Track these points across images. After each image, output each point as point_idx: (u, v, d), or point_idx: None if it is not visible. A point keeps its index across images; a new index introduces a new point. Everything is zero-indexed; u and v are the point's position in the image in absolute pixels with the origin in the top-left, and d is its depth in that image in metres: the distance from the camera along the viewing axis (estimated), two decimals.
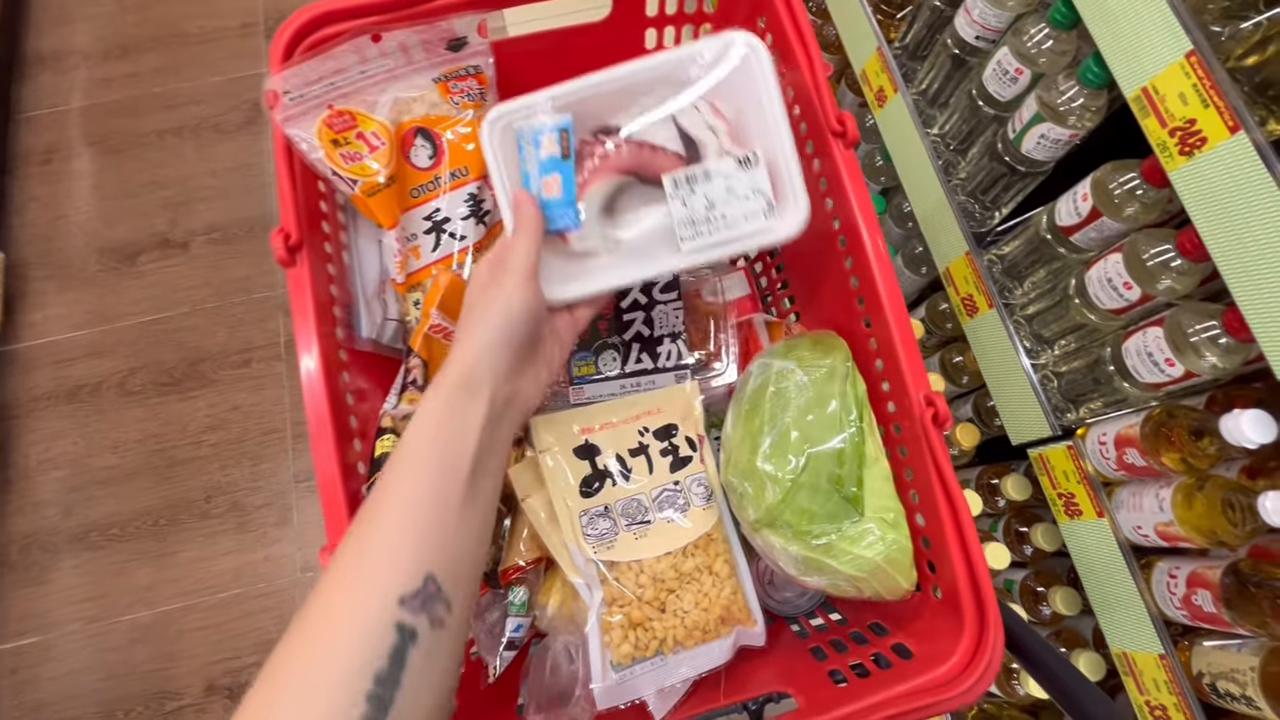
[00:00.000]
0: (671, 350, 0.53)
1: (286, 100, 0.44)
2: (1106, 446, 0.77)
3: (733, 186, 0.44)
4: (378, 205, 0.48)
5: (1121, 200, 0.72)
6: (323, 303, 0.43)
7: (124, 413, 1.41)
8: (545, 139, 0.45)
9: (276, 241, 0.41)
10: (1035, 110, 0.77)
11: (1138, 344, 0.71)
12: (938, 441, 0.40)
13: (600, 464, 0.50)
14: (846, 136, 0.44)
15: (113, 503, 1.35)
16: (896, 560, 0.44)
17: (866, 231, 0.44)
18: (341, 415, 0.43)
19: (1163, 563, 0.76)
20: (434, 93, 0.50)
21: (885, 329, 0.43)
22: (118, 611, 1.29)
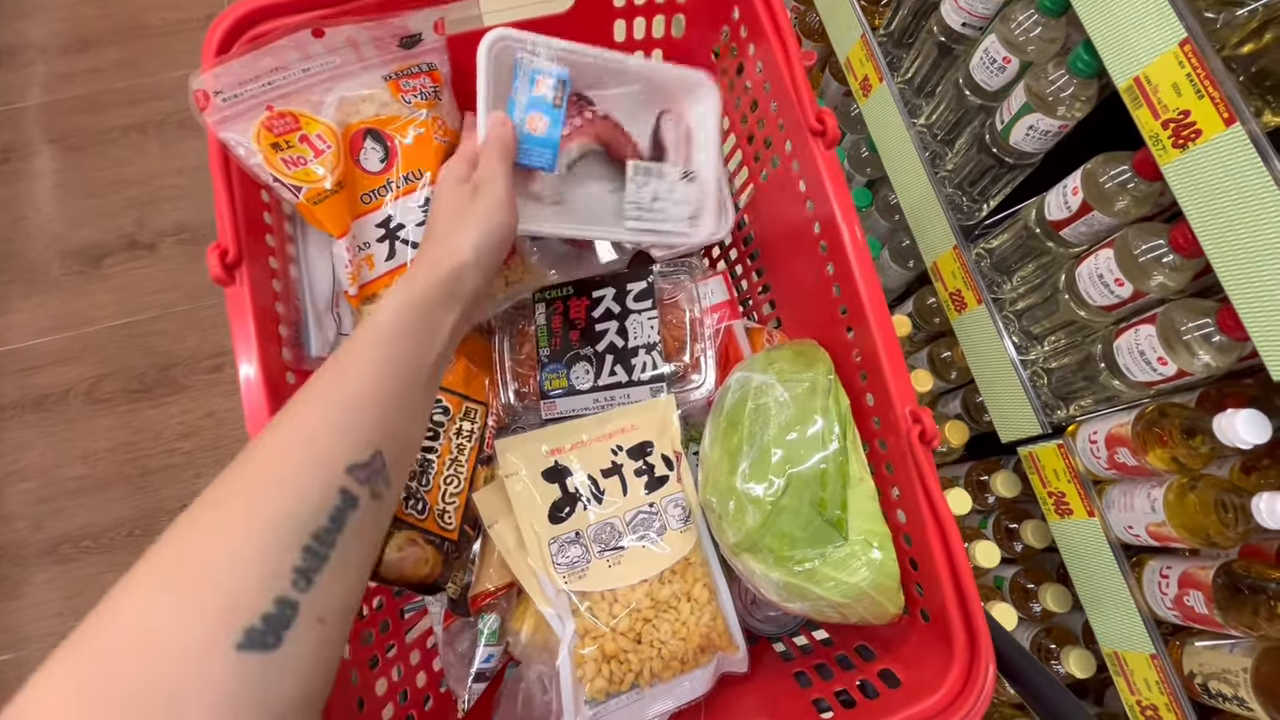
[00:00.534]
0: (647, 362, 0.51)
1: (219, 101, 0.40)
2: (1097, 445, 0.75)
3: (673, 190, 0.50)
4: (325, 213, 0.45)
5: (1112, 194, 0.70)
6: (266, 323, 0.40)
7: (93, 421, 1.36)
8: (542, 80, 0.46)
9: (212, 259, 0.37)
10: (1024, 100, 0.75)
11: (1129, 342, 0.69)
12: (924, 459, 0.38)
13: (571, 486, 0.48)
14: (826, 135, 0.41)
15: (84, 514, 1.31)
16: (883, 585, 0.42)
17: (848, 236, 0.42)
18: None
19: (1154, 562, 0.75)
20: (384, 91, 0.47)
21: (869, 340, 0.41)
22: None
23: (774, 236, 0.54)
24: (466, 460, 0.49)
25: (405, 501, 0.46)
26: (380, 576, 0.43)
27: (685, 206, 0.50)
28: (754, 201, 0.55)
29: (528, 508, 0.46)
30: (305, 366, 0.45)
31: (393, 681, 0.44)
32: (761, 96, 0.48)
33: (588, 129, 0.49)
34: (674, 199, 0.50)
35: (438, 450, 0.48)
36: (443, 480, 0.48)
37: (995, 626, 0.37)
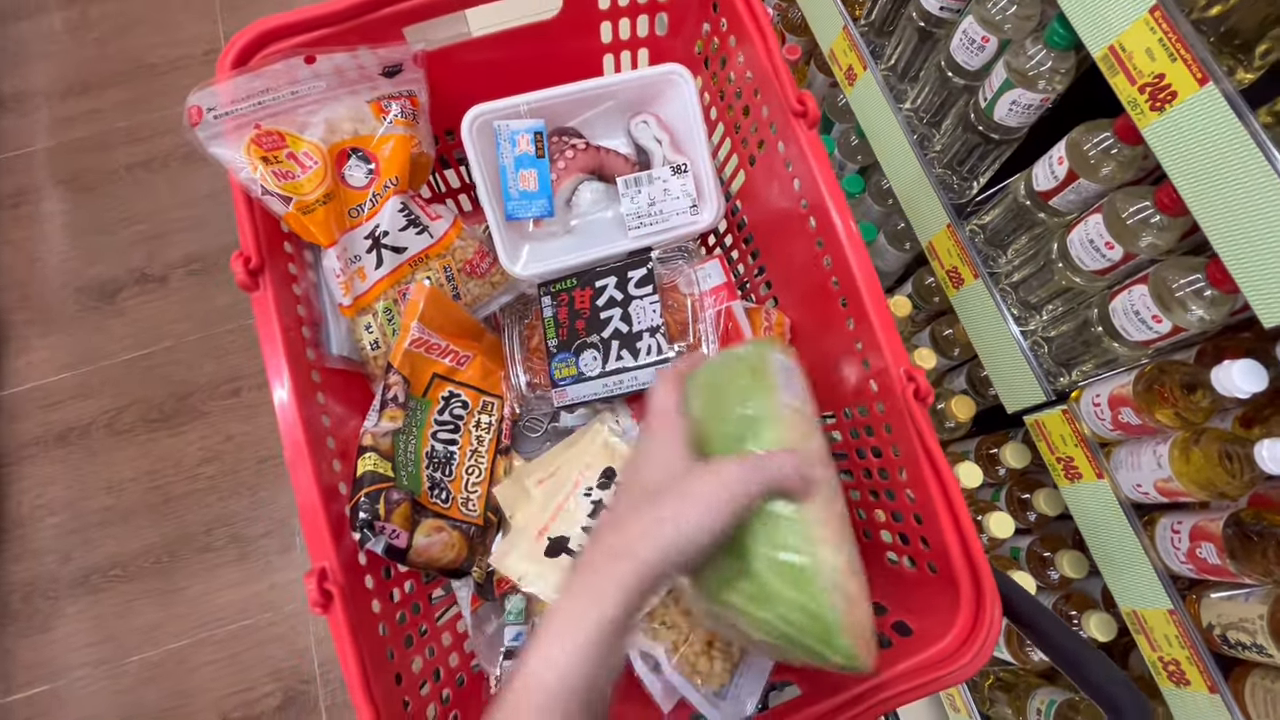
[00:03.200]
0: (651, 345, 0.53)
1: (210, 117, 0.42)
2: (1101, 408, 0.77)
3: (669, 189, 0.53)
4: (315, 223, 0.47)
5: (1097, 161, 0.71)
6: (290, 325, 0.42)
7: (116, 452, 1.39)
8: (521, 139, 0.49)
9: (237, 266, 0.40)
10: (1004, 77, 0.77)
11: (1124, 303, 0.70)
12: (921, 416, 0.40)
13: (575, 546, 0.49)
14: (808, 116, 0.43)
15: (112, 544, 1.34)
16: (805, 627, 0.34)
17: (835, 211, 0.43)
18: (318, 439, 0.42)
19: (1165, 518, 0.76)
20: (366, 112, 0.49)
21: (861, 307, 0.43)
22: (126, 653, 1.28)
23: (766, 219, 0.56)
24: (486, 451, 0.51)
25: (431, 491, 0.48)
26: (410, 562, 0.45)
27: (684, 199, 0.52)
28: (745, 187, 0.57)
29: (554, 587, 0.47)
30: (328, 364, 0.47)
31: (426, 659, 0.46)
32: (745, 85, 0.50)
33: (574, 165, 0.53)
34: (671, 197, 0.53)
35: (459, 443, 0.51)
36: (464, 471, 0.50)
37: (1000, 575, 0.38)
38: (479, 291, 0.54)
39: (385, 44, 0.46)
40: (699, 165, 0.53)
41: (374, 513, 0.42)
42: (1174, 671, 0.74)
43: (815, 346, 0.53)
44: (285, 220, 0.46)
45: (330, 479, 0.42)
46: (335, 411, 0.45)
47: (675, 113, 0.54)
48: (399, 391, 0.47)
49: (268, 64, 0.43)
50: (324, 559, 0.38)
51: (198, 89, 0.41)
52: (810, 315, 0.53)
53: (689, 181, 0.53)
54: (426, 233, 0.51)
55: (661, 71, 0.52)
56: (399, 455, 0.46)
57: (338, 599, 0.36)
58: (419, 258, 0.51)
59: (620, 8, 0.53)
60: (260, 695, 1.25)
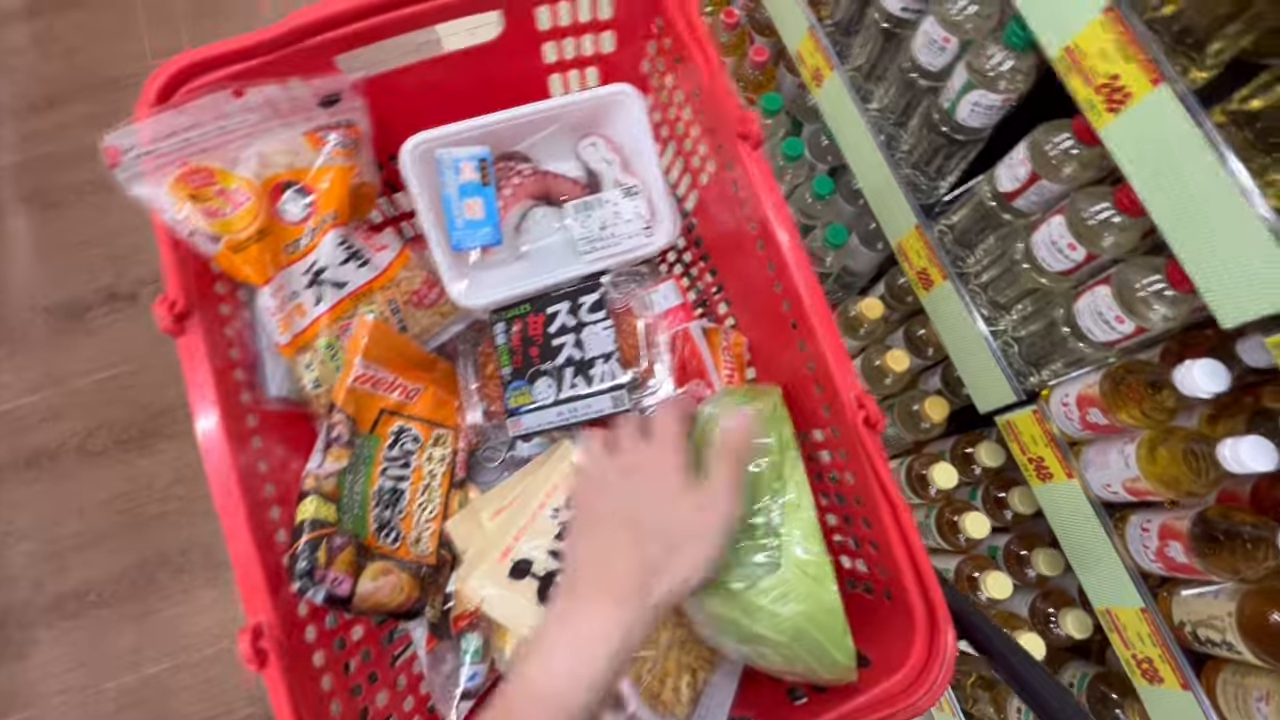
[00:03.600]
0: (605, 371, 0.52)
1: (129, 157, 0.41)
2: (1069, 408, 0.77)
3: (620, 211, 0.52)
4: (247, 261, 0.46)
5: (1058, 161, 0.71)
6: (223, 369, 0.41)
7: (87, 475, 1.37)
8: (465, 166, 0.48)
9: (160, 312, 0.38)
10: (966, 78, 0.76)
11: (1088, 304, 0.70)
12: (871, 444, 0.39)
13: (540, 570, 0.48)
14: (751, 139, 0.43)
15: (85, 569, 1.32)
16: (823, 623, 0.38)
17: (782, 234, 0.43)
18: (254, 487, 0.41)
19: (1135, 517, 0.76)
20: (302, 145, 0.48)
21: (811, 332, 0.42)
22: (103, 679, 1.26)
23: (720, 238, 0.55)
24: (439, 485, 0.50)
25: (378, 532, 0.47)
26: (355, 609, 0.44)
27: (636, 221, 0.52)
28: (699, 206, 0.56)
29: (519, 614, 0.46)
30: (265, 407, 0.46)
31: (377, 709, 0.45)
32: (693, 104, 0.49)
33: (520, 191, 0.53)
34: (623, 219, 0.52)
35: (409, 479, 0.50)
36: (416, 507, 0.49)
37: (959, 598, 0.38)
38: (428, 322, 0.53)
39: (318, 74, 0.45)
40: (651, 186, 0.52)
41: (313, 561, 0.41)
42: (1147, 669, 0.75)
43: (773, 367, 0.52)
44: (215, 260, 0.44)
45: (268, 527, 0.41)
46: (276, 454, 0.44)
47: (624, 133, 0.53)
48: (343, 430, 0.45)
49: (193, 99, 0.41)
50: (260, 614, 0.37)
51: (115, 128, 0.39)
52: (766, 336, 0.52)
53: (641, 203, 0.52)
54: (369, 266, 0.49)
55: (608, 92, 0.51)
56: (344, 497, 0.45)
57: (273, 657, 0.35)
58: (361, 292, 0.49)
59: (562, 28, 0.52)
60: (239, 718, 1.23)
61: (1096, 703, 0.91)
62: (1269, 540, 0.62)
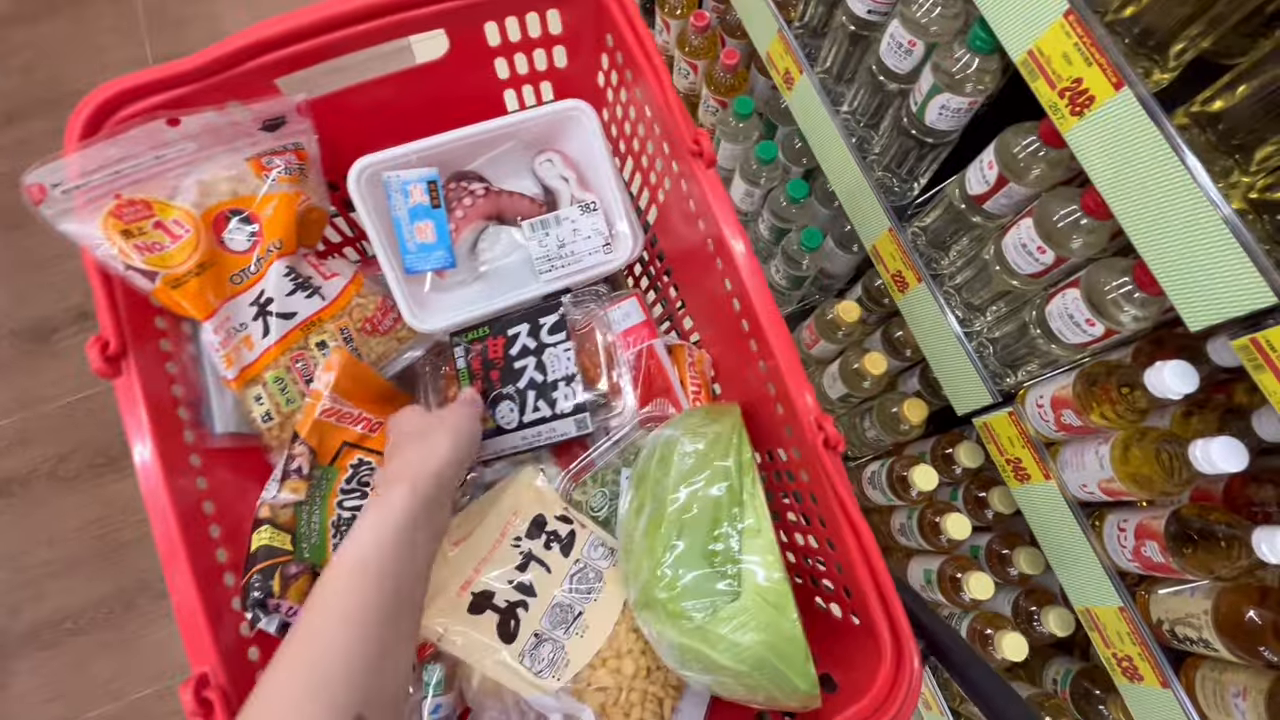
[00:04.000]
0: (567, 393, 0.51)
1: (56, 193, 0.39)
2: (1044, 409, 0.76)
3: (578, 229, 0.52)
4: (187, 296, 0.44)
5: (1025, 164, 0.71)
6: (163, 409, 0.39)
7: (61, 500, 1.34)
8: (414, 189, 0.47)
9: (93, 353, 0.37)
10: (932, 81, 0.76)
11: (1059, 306, 0.70)
12: (831, 465, 0.38)
13: (500, 602, 0.46)
14: (704, 156, 0.42)
15: (62, 596, 1.29)
16: (784, 651, 0.38)
17: (737, 251, 0.42)
18: (198, 531, 0.39)
19: (1112, 516, 0.76)
20: (246, 171, 0.46)
21: (770, 353, 0.42)
22: (84, 708, 1.24)
23: (681, 252, 0.54)
24: None
25: None
26: None
27: (596, 238, 0.51)
28: (659, 220, 0.56)
29: (479, 650, 0.44)
30: (211, 444, 0.44)
31: None
32: (646, 120, 0.48)
33: (473, 212, 0.52)
34: (581, 236, 0.51)
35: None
36: None
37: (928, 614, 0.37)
38: (384, 349, 0.51)
39: (259, 97, 0.43)
40: (609, 202, 0.51)
41: (267, 589, 0.40)
42: (1127, 667, 0.75)
43: (736, 384, 0.51)
44: (153, 295, 0.42)
45: (213, 571, 0.40)
46: (223, 493, 0.43)
47: (580, 149, 0.52)
48: (304, 463, 0.44)
49: (125, 129, 0.39)
50: (205, 663, 0.35)
51: (37, 165, 0.37)
52: (728, 352, 0.51)
53: (599, 219, 0.51)
54: (318, 295, 0.48)
55: (562, 108, 0.50)
56: (301, 527, 0.44)
57: (218, 708, 0.34)
58: (311, 321, 0.48)
59: (512, 44, 0.50)
60: None
61: (1080, 699, 0.91)
62: (1242, 539, 0.62)
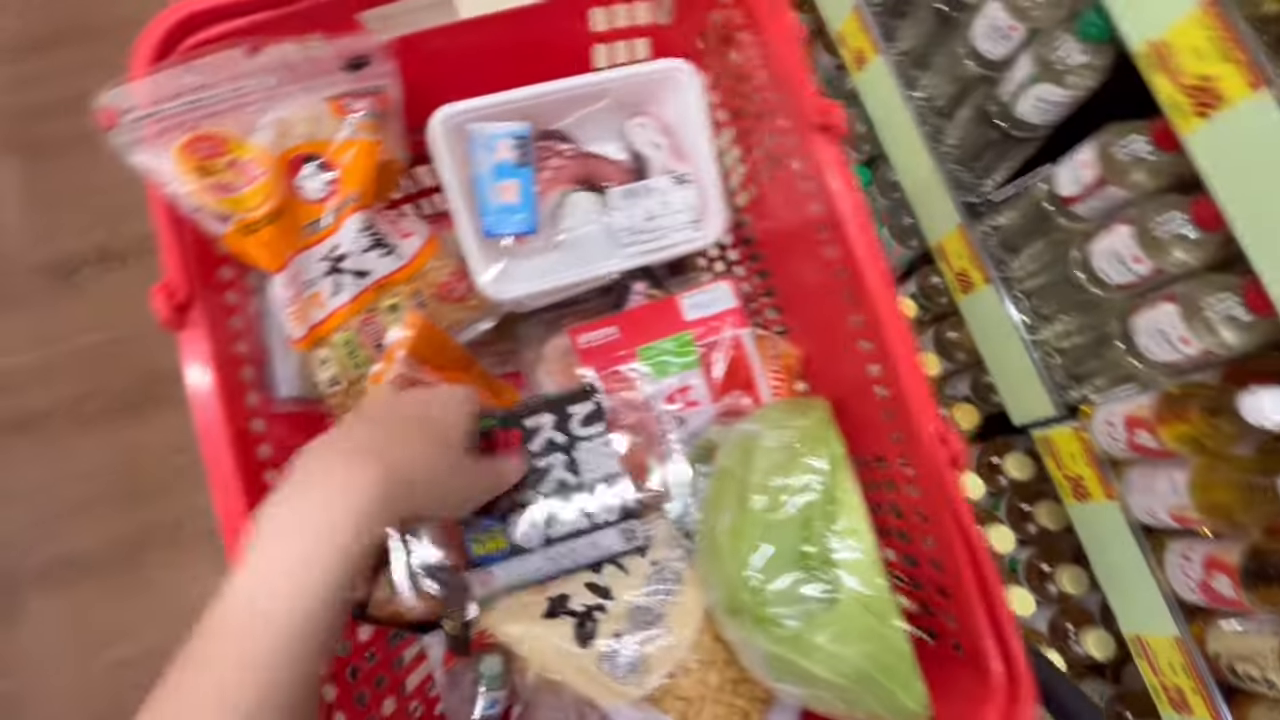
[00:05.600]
0: (610, 496, 0.43)
1: (127, 120, 0.36)
2: (1115, 428, 0.73)
3: (668, 201, 0.48)
4: (258, 245, 0.40)
5: (1127, 166, 0.66)
6: (228, 367, 0.36)
7: (80, 440, 1.33)
8: (501, 144, 0.43)
9: (159, 301, 0.34)
10: (1031, 70, 0.71)
11: (1149, 321, 0.66)
12: (954, 485, 0.35)
13: (576, 605, 0.42)
14: (832, 130, 0.38)
15: (78, 536, 1.28)
16: (888, 665, 0.35)
17: (861, 245, 0.38)
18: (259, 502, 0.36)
19: (1176, 544, 0.73)
20: (325, 113, 0.42)
21: (888, 355, 0.38)
22: (97, 649, 1.23)
23: (778, 237, 0.50)
24: None
25: None
26: (370, 618, 0.40)
27: (686, 213, 0.47)
28: (756, 201, 0.52)
29: (558, 656, 0.41)
30: (275, 409, 0.41)
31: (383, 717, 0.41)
32: (760, 87, 0.44)
33: (561, 174, 0.47)
34: (671, 210, 0.47)
35: None
36: None
37: (1040, 659, 0.35)
38: (455, 318, 0.48)
39: (343, 32, 0.40)
40: (703, 174, 0.48)
41: None
42: (1176, 699, 0.72)
43: (827, 382, 0.48)
44: (223, 241, 0.39)
45: None
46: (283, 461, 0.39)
47: (677, 114, 0.48)
48: None
49: (200, 55, 0.36)
50: None
51: (111, 87, 0.34)
52: (825, 350, 0.48)
53: (690, 193, 0.47)
54: (394, 254, 0.44)
55: (662, 68, 0.46)
56: None
57: None
58: (384, 282, 0.44)
59: None
60: None
61: None
62: None
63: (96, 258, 1.43)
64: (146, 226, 1.40)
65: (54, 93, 1.52)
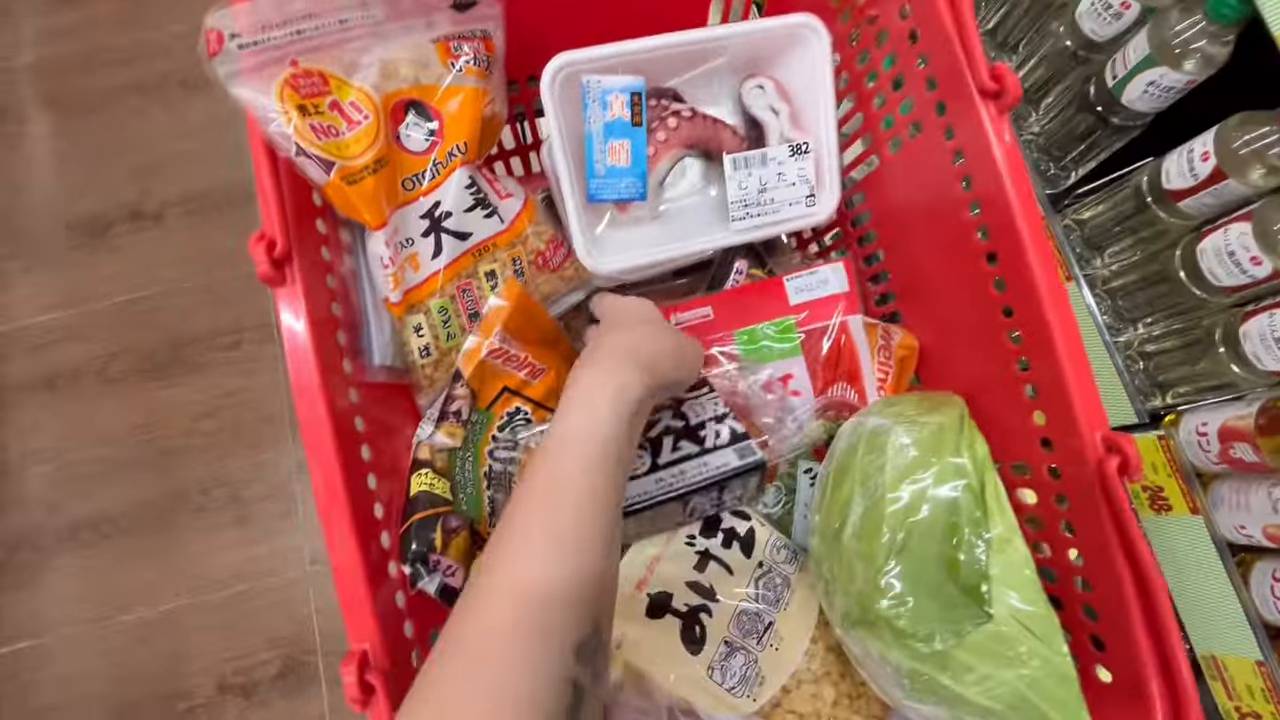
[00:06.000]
0: (720, 430, 0.41)
1: (233, 46, 0.32)
2: (1208, 438, 0.69)
3: (784, 172, 0.44)
4: (361, 197, 0.37)
5: (1251, 160, 0.61)
6: (324, 330, 0.33)
7: (107, 402, 1.30)
8: (614, 100, 0.41)
9: (258, 253, 0.30)
10: (1146, 52, 0.66)
11: (1261, 327, 0.62)
12: (1123, 498, 0.32)
13: (681, 605, 0.40)
14: (1004, 97, 0.34)
15: (103, 498, 1.26)
16: (1051, 692, 0.32)
17: (1024, 222, 0.34)
18: (359, 479, 0.33)
19: (1263, 564, 0.69)
20: (431, 55, 0.38)
21: (1046, 350, 0.34)
22: (118, 611, 1.22)
23: (900, 217, 0.46)
24: None
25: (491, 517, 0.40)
26: None
27: (801, 186, 0.43)
28: (877, 174, 0.48)
29: (665, 659, 0.38)
30: (368, 378, 0.38)
31: None
32: (904, 49, 0.40)
33: (676, 138, 0.44)
34: (785, 182, 0.43)
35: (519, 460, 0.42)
36: None
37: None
38: (549, 288, 0.45)
39: None
40: (822, 145, 0.43)
41: (428, 544, 0.34)
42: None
43: (948, 377, 0.44)
44: (323, 191, 0.36)
45: (372, 527, 0.34)
46: (376, 436, 0.36)
47: (799, 77, 0.43)
48: (464, 406, 0.38)
49: None
50: (365, 640, 0.30)
51: (217, 8, 0.30)
52: (950, 341, 0.44)
53: (808, 165, 0.43)
54: (496, 215, 0.41)
55: (789, 24, 0.41)
56: (456, 475, 0.38)
57: (381, 694, 0.28)
58: (484, 246, 0.41)
59: None
60: (258, 662, 1.20)
61: None
62: None
63: (128, 216, 1.40)
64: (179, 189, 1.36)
65: (89, 46, 1.49)
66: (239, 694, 1.19)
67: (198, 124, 1.42)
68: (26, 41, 1.49)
